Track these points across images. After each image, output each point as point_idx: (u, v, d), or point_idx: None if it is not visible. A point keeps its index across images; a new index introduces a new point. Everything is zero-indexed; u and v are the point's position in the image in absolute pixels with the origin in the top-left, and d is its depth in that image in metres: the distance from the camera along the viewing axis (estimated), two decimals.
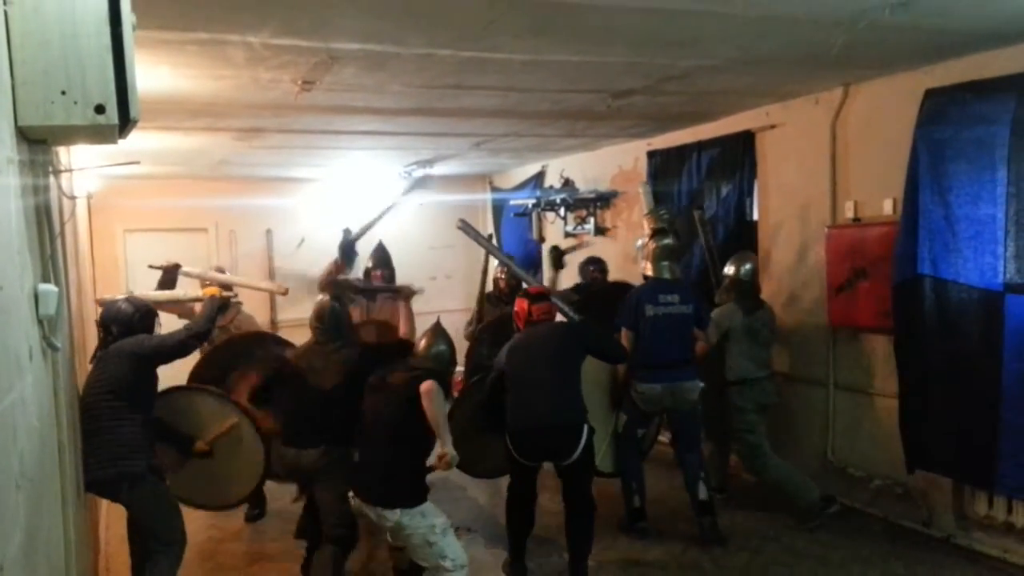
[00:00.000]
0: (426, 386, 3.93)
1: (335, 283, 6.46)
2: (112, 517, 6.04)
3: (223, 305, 5.07)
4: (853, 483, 5.58)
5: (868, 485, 5.47)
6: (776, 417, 6.17)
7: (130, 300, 4.53)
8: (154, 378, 4.34)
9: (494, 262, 7.11)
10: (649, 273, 5.45)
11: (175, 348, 4.35)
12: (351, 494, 4.10)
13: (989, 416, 4.46)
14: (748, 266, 5.71)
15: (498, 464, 5.10)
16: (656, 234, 5.54)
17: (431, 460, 4.03)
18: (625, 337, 5.30)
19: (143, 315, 4.42)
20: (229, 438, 5.06)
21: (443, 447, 3.93)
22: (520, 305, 4.97)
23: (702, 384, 5.36)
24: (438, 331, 4.54)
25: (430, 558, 3.99)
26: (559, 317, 5.47)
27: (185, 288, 5.94)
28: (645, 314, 5.27)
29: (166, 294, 5.67)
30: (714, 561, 5.00)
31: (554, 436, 4.57)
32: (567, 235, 8.95)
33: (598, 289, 6.63)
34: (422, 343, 4.49)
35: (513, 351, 4.81)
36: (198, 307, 5.20)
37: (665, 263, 5.41)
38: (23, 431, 1.90)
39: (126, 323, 4.32)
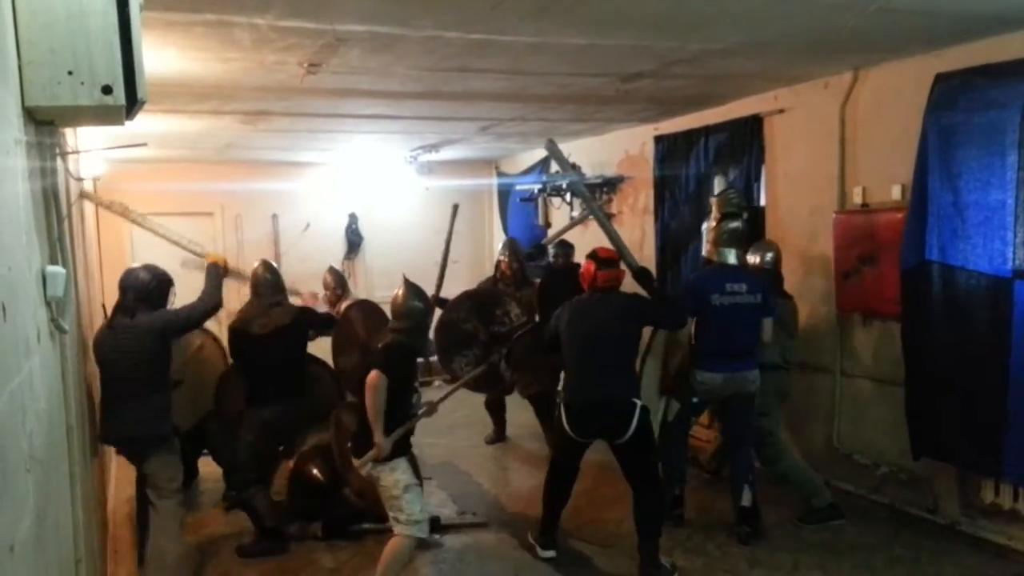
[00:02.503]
0: (370, 378, 4.15)
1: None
2: (119, 500, 6.08)
3: (225, 273, 5.25)
4: (859, 470, 5.58)
5: (874, 472, 5.47)
6: (783, 402, 6.17)
7: (148, 268, 4.80)
8: (170, 348, 4.72)
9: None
10: (713, 258, 5.20)
11: (189, 323, 4.80)
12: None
13: (996, 403, 4.44)
14: (770, 255, 5.61)
15: (544, 388, 5.84)
16: (724, 218, 5.30)
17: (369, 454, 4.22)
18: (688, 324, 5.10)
19: (159, 283, 4.73)
20: (196, 360, 5.52)
21: (376, 437, 4.17)
22: (587, 267, 4.83)
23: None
24: (411, 287, 4.65)
25: (391, 508, 4.31)
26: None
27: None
28: (711, 303, 5.00)
29: (173, 235, 5.95)
30: (719, 547, 5.01)
31: (607, 413, 4.59)
32: (572, 220, 8.92)
33: (559, 269, 7.08)
34: (400, 294, 4.58)
35: (576, 318, 4.74)
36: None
37: (731, 249, 5.13)
38: (32, 413, 1.90)
39: (142, 290, 4.63)
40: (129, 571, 4.91)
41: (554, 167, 9.32)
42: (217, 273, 5.08)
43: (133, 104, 2.29)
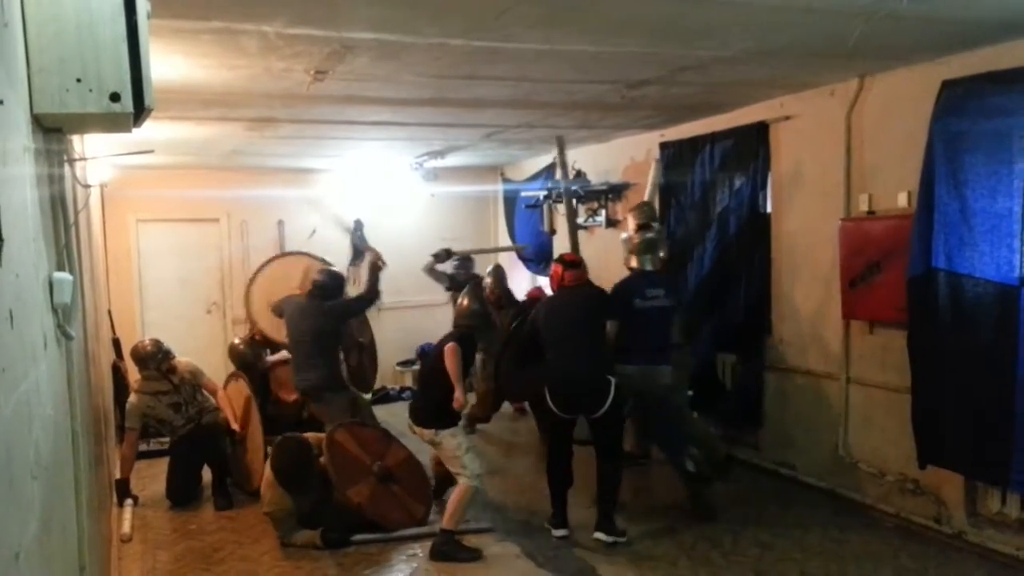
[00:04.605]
0: (448, 347, 5.22)
1: None
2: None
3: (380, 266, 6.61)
4: (865, 478, 5.56)
5: (880, 481, 5.44)
6: (788, 411, 6.17)
7: (326, 272, 6.63)
8: (342, 326, 6.53)
9: None
10: (634, 265, 5.82)
11: (353, 311, 6.72)
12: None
13: (1003, 412, 4.42)
14: (657, 258, 6.06)
15: (531, 392, 6.19)
16: (640, 228, 5.95)
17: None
18: (611, 324, 5.52)
19: (333, 279, 6.50)
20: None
21: (457, 392, 5.14)
22: (555, 270, 5.61)
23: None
24: (476, 294, 5.88)
25: (454, 467, 5.23)
26: None
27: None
28: (634, 307, 5.59)
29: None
30: (724, 556, 4.99)
31: (585, 388, 5.20)
32: (579, 227, 8.89)
33: (461, 283, 8.06)
34: (465, 302, 5.75)
35: (550, 313, 5.49)
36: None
37: (647, 256, 5.81)
38: (38, 420, 1.90)
39: (325, 288, 6.34)
40: None
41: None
42: (374, 268, 6.44)
43: (141, 111, 2.30)
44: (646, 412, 5.89)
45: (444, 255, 8.38)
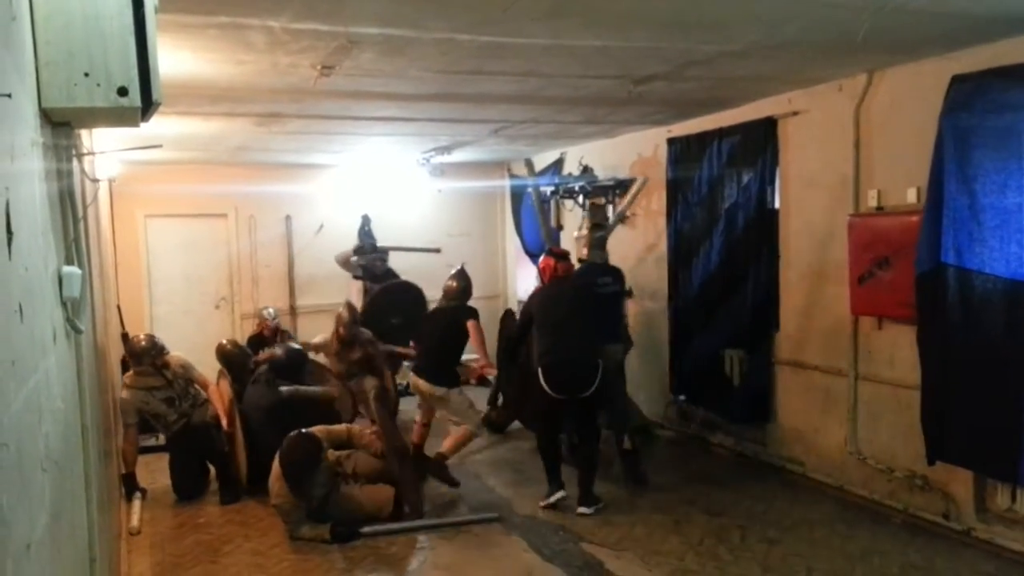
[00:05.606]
0: (471, 324, 6.16)
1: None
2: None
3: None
4: (873, 474, 5.54)
5: (888, 477, 5.43)
6: (796, 406, 6.15)
7: (286, 349, 6.97)
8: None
9: None
10: (585, 258, 6.75)
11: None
12: (412, 375, 6.47)
13: (1013, 408, 4.40)
14: (605, 253, 7.01)
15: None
16: (594, 227, 6.89)
17: (476, 366, 6.45)
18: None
19: (291, 360, 6.84)
20: None
21: (483, 359, 6.30)
22: (547, 262, 6.25)
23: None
24: (461, 275, 6.58)
25: (463, 415, 6.23)
26: None
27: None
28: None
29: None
30: (731, 551, 4.98)
31: (578, 368, 5.66)
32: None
33: (377, 275, 9.11)
34: (454, 284, 6.49)
35: (546, 301, 6.02)
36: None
37: (598, 251, 6.74)
38: (48, 414, 1.91)
39: (280, 369, 6.71)
40: (142, 572, 4.94)
41: (566, 169, 9.34)
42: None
43: (148, 106, 2.30)
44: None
45: (371, 249, 9.01)
